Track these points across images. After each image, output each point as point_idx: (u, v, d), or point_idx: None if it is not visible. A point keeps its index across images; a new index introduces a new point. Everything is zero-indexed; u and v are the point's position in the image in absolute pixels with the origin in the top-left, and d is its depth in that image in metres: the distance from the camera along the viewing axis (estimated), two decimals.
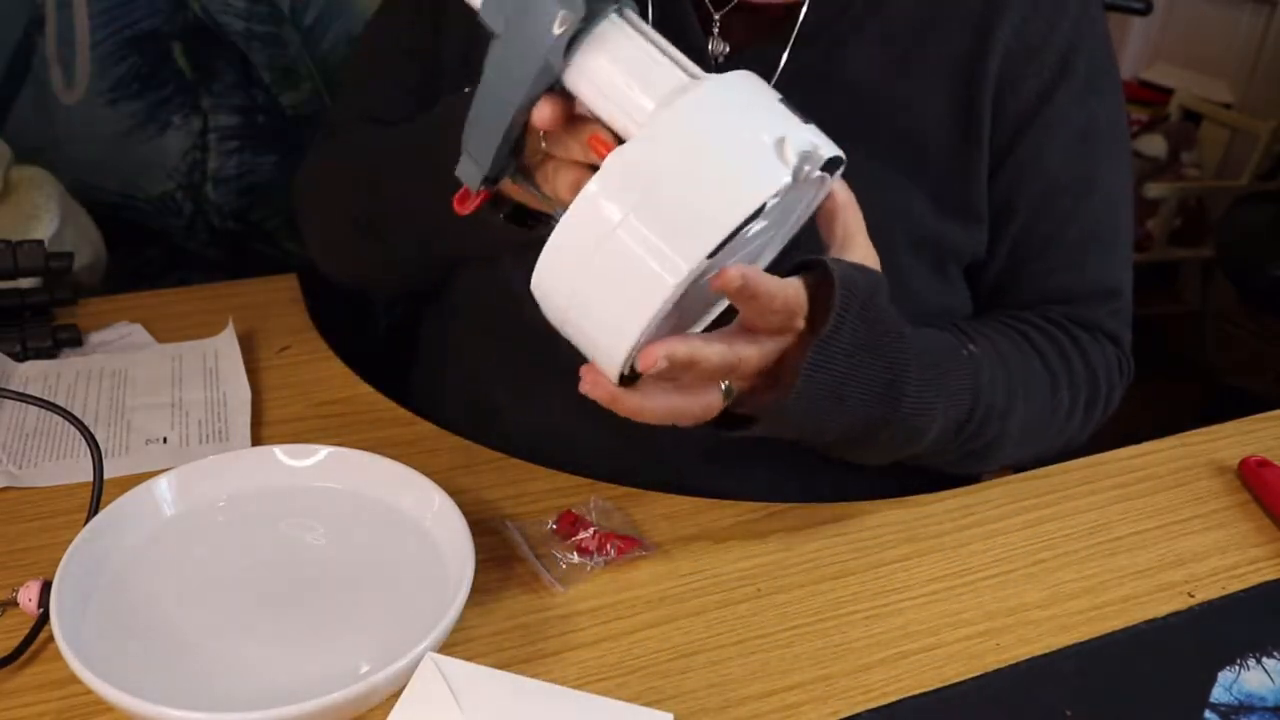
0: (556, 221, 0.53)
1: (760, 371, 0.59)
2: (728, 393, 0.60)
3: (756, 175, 0.51)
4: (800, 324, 0.59)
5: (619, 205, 0.50)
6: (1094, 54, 0.77)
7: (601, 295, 0.52)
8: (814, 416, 0.61)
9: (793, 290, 0.57)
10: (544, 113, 0.54)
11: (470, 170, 0.58)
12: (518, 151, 0.58)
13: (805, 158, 0.52)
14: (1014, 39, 0.74)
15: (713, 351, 0.56)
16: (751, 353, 0.58)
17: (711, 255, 0.50)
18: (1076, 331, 0.79)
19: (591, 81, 0.53)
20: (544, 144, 0.57)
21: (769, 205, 0.51)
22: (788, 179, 0.51)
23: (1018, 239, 0.79)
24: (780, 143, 0.52)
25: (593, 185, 0.51)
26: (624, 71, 0.53)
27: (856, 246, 0.61)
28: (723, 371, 0.58)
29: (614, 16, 0.53)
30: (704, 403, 0.60)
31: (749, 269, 0.53)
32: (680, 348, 0.54)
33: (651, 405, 0.58)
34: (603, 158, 0.52)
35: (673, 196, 0.50)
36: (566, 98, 0.55)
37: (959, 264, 0.79)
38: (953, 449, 0.71)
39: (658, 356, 0.53)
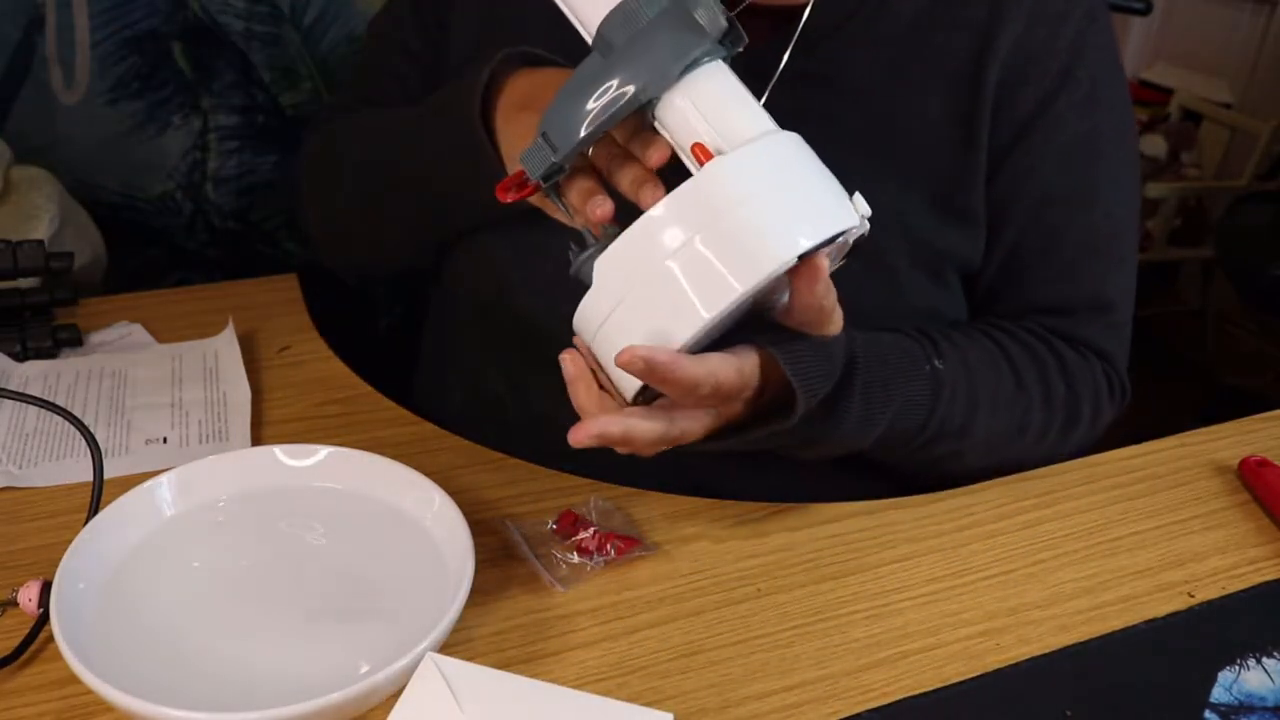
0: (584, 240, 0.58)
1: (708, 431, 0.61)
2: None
3: (834, 209, 0.54)
4: (747, 395, 0.60)
5: (686, 226, 0.53)
6: (1099, 65, 0.76)
7: (646, 311, 0.54)
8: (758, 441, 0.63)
9: (730, 372, 0.57)
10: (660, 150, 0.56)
11: (540, 158, 0.57)
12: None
13: (865, 217, 0.56)
14: (1016, 46, 0.74)
15: (648, 428, 0.57)
16: (694, 426, 0.59)
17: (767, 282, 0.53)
18: (1062, 348, 0.78)
19: (684, 109, 0.55)
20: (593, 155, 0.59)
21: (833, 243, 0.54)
22: (856, 223, 0.54)
23: (1012, 247, 0.78)
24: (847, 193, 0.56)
25: (664, 203, 0.53)
26: (720, 105, 0.56)
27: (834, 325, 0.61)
28: (665, 443, 0.59)
29: (719, 59, 0.56)
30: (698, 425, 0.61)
31: (655, 351, 0.53)
32: (614, 426, 0.56)
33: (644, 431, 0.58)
34: (702, 163, 0.54)
35: (743, 220, 0.53)
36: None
37: (956, 270, 0.79)
38: (902, 455, 0.72)
39: (587, 434, 0.55)
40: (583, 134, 0.55)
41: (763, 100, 0.74)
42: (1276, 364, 2.55)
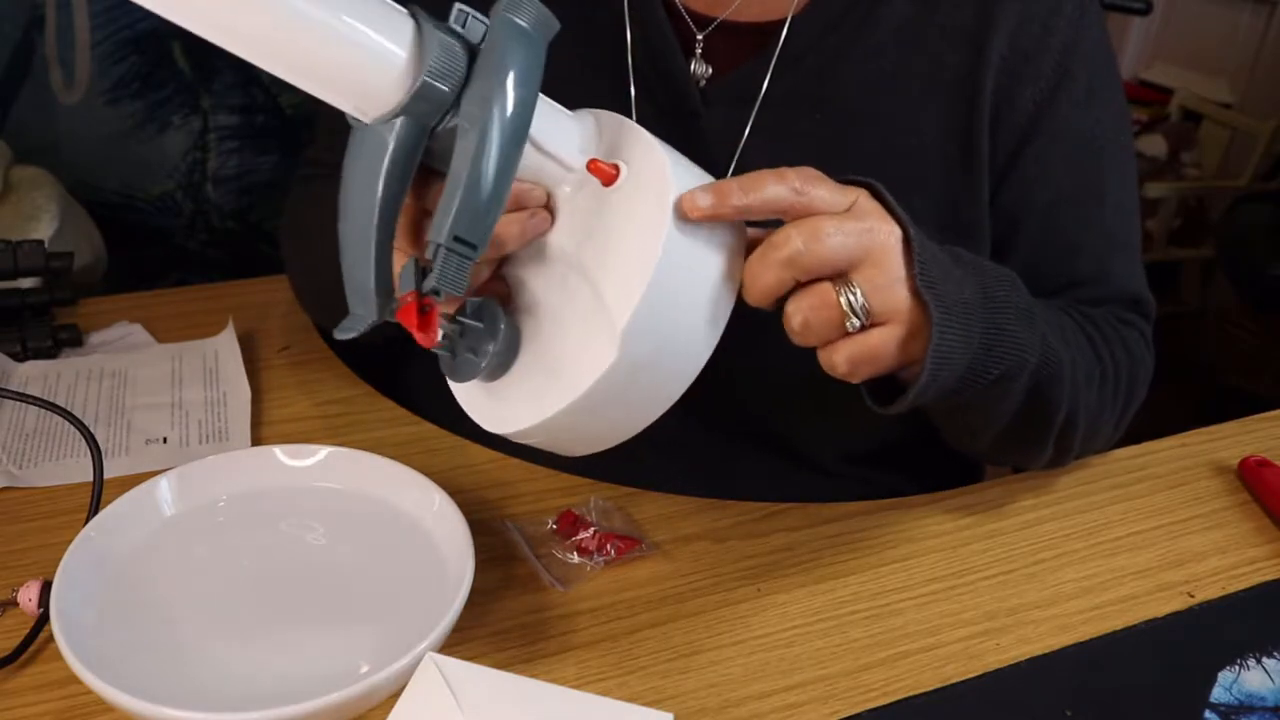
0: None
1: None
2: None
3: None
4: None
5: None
6: (1094, 58, 0.75)
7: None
8: (957, 311, 0.59)
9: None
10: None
11: (460, 268, 0.51)
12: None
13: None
14: (1008, 48, 0.72)
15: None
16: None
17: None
18: (1104, 314, 0.76)
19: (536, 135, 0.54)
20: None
21: None
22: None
23: (1028, 255, 0.75)
24: None
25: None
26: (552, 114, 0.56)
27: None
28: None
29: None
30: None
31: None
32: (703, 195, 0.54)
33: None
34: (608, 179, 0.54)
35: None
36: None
37: None
38: (1086, 393, 0.68)
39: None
40: (498, 215, 0.51)
41: (749, 125, 0.73)
42: (1276, 364, 2.55)
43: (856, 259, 0.55)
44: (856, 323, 0.56)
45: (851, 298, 0.55)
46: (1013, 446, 0.73)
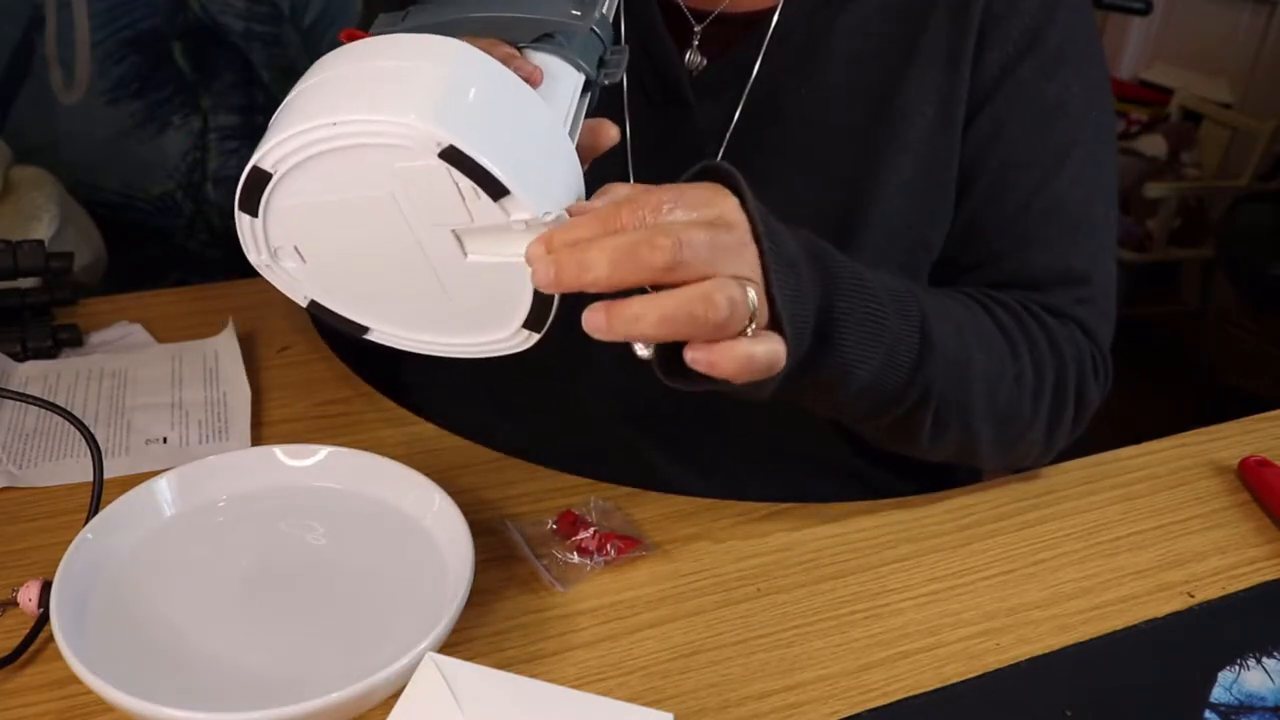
0: None
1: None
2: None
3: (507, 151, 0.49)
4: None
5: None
6: (1070, 28, 0.74)
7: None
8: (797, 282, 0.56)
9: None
10: None
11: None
12: None
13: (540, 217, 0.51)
14: (984, 11, 0.72)
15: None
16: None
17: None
18: (1038, 311, 0.73)
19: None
20: None
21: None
22: (534, 207, 0.49)
23: (975, 215, 0.74)
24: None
25: None
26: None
27: None
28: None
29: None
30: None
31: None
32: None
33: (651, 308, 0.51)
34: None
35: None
36: None
37: (928, 257, 0.76)
38: (914, 388, 0.64)
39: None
40: None
41: (741, 104, 0.73)
42: (1276, 364, 2.55)
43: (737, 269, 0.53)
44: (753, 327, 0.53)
45: (752, 299, 0.52)
46: (900, 443, 0.72)
